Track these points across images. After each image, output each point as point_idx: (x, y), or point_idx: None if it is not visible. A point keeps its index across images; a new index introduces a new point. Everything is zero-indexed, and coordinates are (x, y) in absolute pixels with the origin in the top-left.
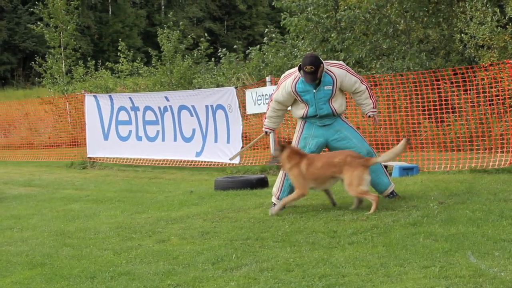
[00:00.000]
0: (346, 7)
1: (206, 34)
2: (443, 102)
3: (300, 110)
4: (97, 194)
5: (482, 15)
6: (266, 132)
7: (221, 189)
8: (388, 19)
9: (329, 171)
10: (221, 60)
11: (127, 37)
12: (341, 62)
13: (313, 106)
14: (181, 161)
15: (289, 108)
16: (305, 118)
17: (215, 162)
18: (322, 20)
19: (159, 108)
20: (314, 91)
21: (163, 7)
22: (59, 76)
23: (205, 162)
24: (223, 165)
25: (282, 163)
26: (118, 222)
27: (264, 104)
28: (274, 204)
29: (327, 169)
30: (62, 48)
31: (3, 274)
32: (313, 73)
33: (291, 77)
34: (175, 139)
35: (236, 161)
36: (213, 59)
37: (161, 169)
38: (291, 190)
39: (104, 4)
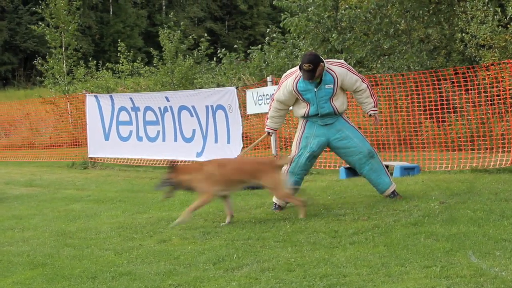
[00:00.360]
0: (346, 7)
1: (206, 34)
2: (444, 102)
3: (301, 109)
4: (98, 194)
5: (483, 14)
6: (269, 133)
7: None
8: (389, 18)
9: (240, 176)
10: (222, 60)
11: (128, 37)
12: (342, 61)
13: (314, 105)
14: (182, 161)
15: (291, 107)
16: (306, 117)
17: None
18: (323, 20)
19: (160, 108)
20: (315, 90)
21: (164, 7)
22: (60, 76)
23: None
24: None
25: (180, 179)
26: (119, 222)
27: (265, 104)
28: (275, 204)
29: (238, 174)
30: (63, 48)
31: (4, 274)
32: (312, 71)
33: (292, 76)
34: (175, 140)
35: None
36: (214, 59)
37: (162, 169)
38: (294, 188)
39: (105, 4)
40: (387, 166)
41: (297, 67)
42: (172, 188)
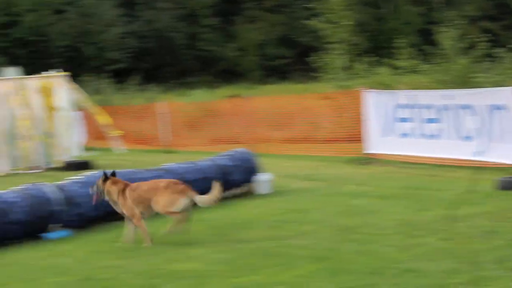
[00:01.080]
0: None
1: (483, 33)
2: None
3: None
4: (379, 190)
5: None
6: None
7: (505, 189)
8: None
9: (153, 195)
10: (500, 60)
11: (404, 34)
12: None
13: None
14: (460, 159)
15: None
16: None
17: (495, 162)
18: None
19: (438, 106)
20: None
21: (440, 5)
22: (337, 71)
23: (485, 161)
24: (505, 166)
25: (108, 193)
26: (402, 219)
27: None
28: None
29: (152, 193)
30: (340, 43)
31: (287, 267)
32: None
33: None
34: (454, 138)
35: None
36: (491, 58)
37: (440, 167)
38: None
39: (381, 1)
40: None
41: None
42: (100, 194)
